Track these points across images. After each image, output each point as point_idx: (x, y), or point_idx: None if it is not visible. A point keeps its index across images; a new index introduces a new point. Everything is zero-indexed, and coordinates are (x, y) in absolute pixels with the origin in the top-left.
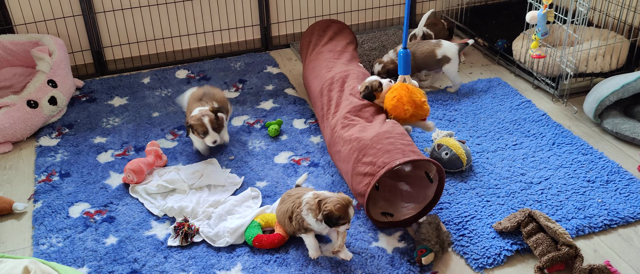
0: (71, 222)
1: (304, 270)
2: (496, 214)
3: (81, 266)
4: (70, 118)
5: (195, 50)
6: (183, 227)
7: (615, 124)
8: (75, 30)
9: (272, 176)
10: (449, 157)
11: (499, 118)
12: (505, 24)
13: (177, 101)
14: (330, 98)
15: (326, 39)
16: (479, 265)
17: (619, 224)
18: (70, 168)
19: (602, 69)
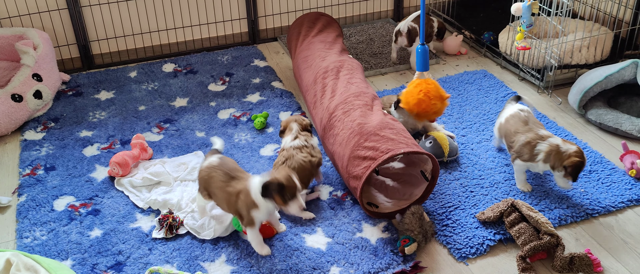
0: (56, 215)
1: (288, 260)
2: (480, 204)
3: (65, 258)
4: (56, 112)
5: (182, 43)
6: (168, 219)
7: (599, 115)
8: (61, 24)
9: (258, 169)
10: (431, 145)
11: (485, 110)
12: (492, 17)
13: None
14: (324, 85)
15: (316, 31)
16: (462, 255)
17: (601, 213)
18: (55, 162)
19: (587, 61)
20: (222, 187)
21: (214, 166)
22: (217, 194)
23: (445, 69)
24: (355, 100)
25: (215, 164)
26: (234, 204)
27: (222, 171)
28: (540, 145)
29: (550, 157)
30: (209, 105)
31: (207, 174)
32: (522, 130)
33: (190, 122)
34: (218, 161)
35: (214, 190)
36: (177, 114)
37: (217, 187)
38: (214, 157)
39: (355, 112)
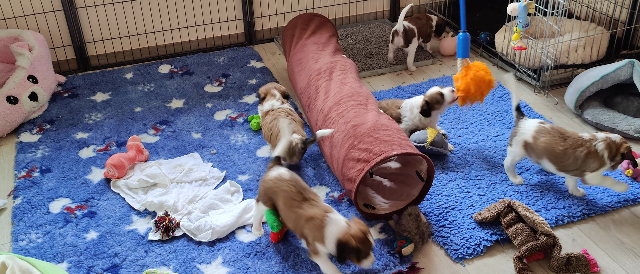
0: (51, 218)
1: (285, 263)
2: (476, 205)
3: (61, 261)
4: (51, 114)
5: (179, 45)
6: (164, 221)
7: (596, 115)
8: (57, 26)
9: (254, 170)
10: (419, 133)
11: (481, 110)
12: (488, 17)
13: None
14: (318, 87)
15: (309, 32)
16: (459, 255)
17: (597, 213)
18: (51, 164)
19: (583, 61)
20: (292, 205)
21: (286, 180)
22: (285, 210)
23: (442, 70)
24: (349, 100)
25: (286, 177)
26: (301, 228)
27: (295, 188)
28: (598, 146)
29: (611, 151)
30: (205, 106)
31: (276, 186)
32: (569, 144)
33: (187, 124)
34: (289, 175)
35: (282, 204)
36: (173, 115)
37: (287, 204)
38: (283, 170)
39: (350, 113)
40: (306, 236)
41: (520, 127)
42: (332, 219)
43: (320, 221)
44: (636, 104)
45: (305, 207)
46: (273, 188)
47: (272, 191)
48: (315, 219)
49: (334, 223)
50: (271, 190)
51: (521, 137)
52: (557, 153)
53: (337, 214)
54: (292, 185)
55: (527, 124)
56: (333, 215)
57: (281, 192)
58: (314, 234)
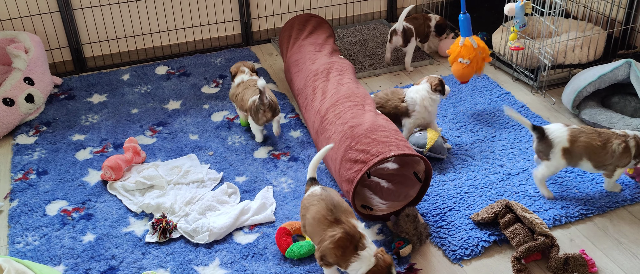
0: (48, 220)
1: (282, 264)
2: (474, 205)
3: (58, 264)
4: (48, 116)
5: (175, 46)
6: (161, 223)
7: (593, 115)
8: (53, 27)
9: (252, 171)
10: (419, 135)
11: (479, 110)
12: (486, 17)
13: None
14: (315, 88)
15: (306, 33)
16: (457, 256)
17: (595, 213)
18: (47, 166)
19: (580, 61)
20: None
21: (317, 195)
22: (312, 225)
23: (439, 70)
24: (346, 101)
25: (317, 193)
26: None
27: (325, 203)
28: (630, 142)
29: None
30: (203, 107)
31: (308, 202)
32: (605, 138)
33: (184, 125)
34: (321, 191)
35: (310, 218)
36: (170, 117)
37: (316, 219)
38: (316, 187)
39: (347, 114)
40: (326, 255)
41: (552, 139)
42: (361, 257)
43: (350, 255)
44: (633, 104)
45: (336, 229)
46: (305, 205)
47: (305, 208)
48: (345, 250)
49: (361, 261)
50: (304, 209)
51: (559, 147)
52: (597, 148)
53: (367, 249)
54: (322, 200)
55: (557, 132)
56: (363, 252)
57: (311, 208)
58: (339, 261)
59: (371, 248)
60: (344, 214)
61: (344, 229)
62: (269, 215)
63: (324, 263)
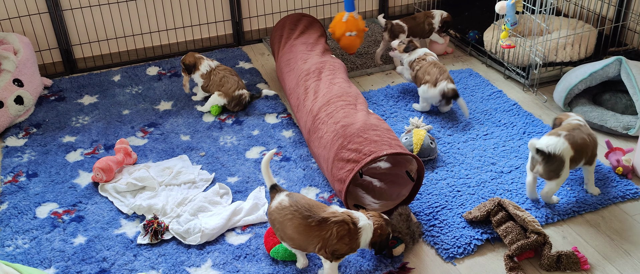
0: (38, 223)
1: (275, 265)
2: (467, 203)
3: (48, 267)
4: (38, 118)
5: (167, 46)
6: (153, 224)
7: (584, 112)
8: (42, 28)
9: (243, 172)
10: (406, 140)
11: (470, 109)
12: (477, 15)
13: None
14: (307, 87)
15: (298, 32)
16: (450, 255)
17: (587, 210)
18: (37, 168)
19: (571, 58)
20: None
21: (287, 207)
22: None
23: None
24: (338, 101)
25: (286, 204)
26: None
27: (299, 213)
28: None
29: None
30: (194, 108)
31: (281, 217)
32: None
33: (175, 126)
34: (289, 200)
35: (295, 234)
36: (162, 117)
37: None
38: (281, 196)
39: (339, 113)
40: (337, 250)
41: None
42: (363, 227)
43: (355, 234)
44: (624, 101)
45: (327, 228)
46: (279, 220)
47: (280, 223)
48: (350, 234)
49: (365, 230)
50: (279, 223)
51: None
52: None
53: (361, 219)
54: (295, 212)
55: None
56: (361, 223)
57: (288, 224)
58: (350, 247)
59: (361, 216)
60: (320, 209)
61: (333, 221)
62: (261, 215)
63: (336, 257)
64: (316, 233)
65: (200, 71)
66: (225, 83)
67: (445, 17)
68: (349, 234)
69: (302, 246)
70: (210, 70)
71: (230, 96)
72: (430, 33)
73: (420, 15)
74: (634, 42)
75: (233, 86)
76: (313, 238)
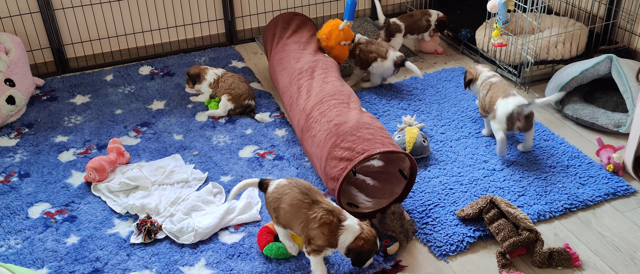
0: (30, 223)
1: (268, 264)
2: (459, 201)
3: (41, 267)
4: (30, 117)
5: (159, 46)
6: (146, 224)
7: (576, 110)
8: (34, 28)
9: (237, 171)
10: (399, 139)
11: (463, 107)
12: (469, 14)
13: None
14: (299, 86)
15: (290, 31)
16: (442, 252)
17: (579, 207)
18: (30, 168)
19: (563, 56)
20: (301, 207)
21: (286, 185)
22: (290, 212)
23: (423, 67)
24: (331, 99)
25: (285, 183)
26: (310, 230)
27: (299, 189)
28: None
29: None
30: (187, 107)
31: (278, 193)
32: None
33: (168, 125)
34: (288, 180)
35: (287, 207)
36: (155, 117)
37: (294, 205)
38: (279, 179)
39: (332, 112)
40: (314, 238)
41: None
42: (346, 227)
43: (336, 228)
44: (615, 99)
45: (316, 210)
46: (276, 197)
47: (276, 200)
48: (330, 226)
49: (348, 231)
50: (276, 201)
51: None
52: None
53: (349, 219)
54: (294, 187)
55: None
56: (346, 222)
57: (284, 197)
58: (327, 239)
59: (352, 218)
60: (318, 195)
61: (323, 208)
62: (255, 214)
63: (312, 249)
64: (304, 210)
65: (207, 81)
66: (236, 88)
67: (441, 17)
68: (330, 226)
69: (289, 222)
70: (217, 78)
71: (239, 103)
72: (427, 29)
73: (417, 12)
74: (624, 40)
75: (244, 94)
76: (300, 214)
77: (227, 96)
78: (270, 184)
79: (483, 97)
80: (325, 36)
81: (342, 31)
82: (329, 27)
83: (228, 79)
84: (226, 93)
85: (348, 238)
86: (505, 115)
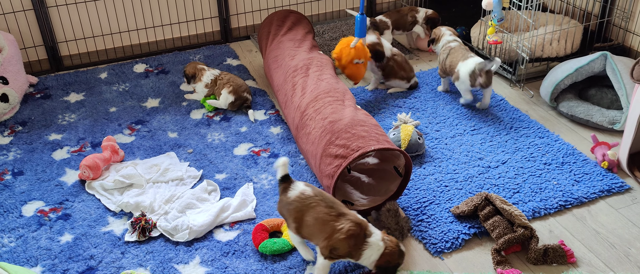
0: (24, 221)
1: (263, 261)
2: (454, 198)
3: (35, 265)
4: (23, 115)
5: (154, 43)
6: (140, 222)
7: (570, 107)
8: (27, 26)
9: (232, 168)
10: (394, 136)
11: (457, 104)
12: (465, 11)
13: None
14: (294, 84)
15: (285, 29)
16: (438, 249)
17: (573, 204)
18: (23, 166)
19: (557, 54)
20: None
21: (312, 196)
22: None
23: (419, 65)
24: (326, 97)
25: (311, 194)
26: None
27: (325, 203)
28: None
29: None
30: (181, 105)
31: (303, 204)
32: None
33: (162, 123)
34: (312, 190)
35: (311, 220)
36: (149, 115)
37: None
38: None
39: (327, 109)
40: (337, 247)
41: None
42: (371, 244)
43: (361, 242)
44: (610, 96)
45: (343, 221)
46: (300, 208)
47: (299, 210)
48: (357, 239)
49: (372, 248)
50: (298, 211)
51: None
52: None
53: (374, 235)
54: (321, 200)
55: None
56: (371, 239)
57: (309, 211)
58: (350, 251)
59: (376, 233)
60: (341, 206)
61: (350, 220)
62: (250, 212)
63: (331, 256)
64: (331, 223)
65: (203, 82)
66: (235, 81)
67: (430, 14)
68: (356, 239)
69: (312, 235)
70: (214, 78)
71: (239, 95)
72: (412, 25)
73: (404, 9)
74: (619, 38)
75: (243, 85)
76: (327, 228)
77: (227, 88)
78: (291, 186)
79: (443, 60)
80: (336, 55)
81: (353, 49)
82: (340, 46)
83: (224, 77)
84: (227, 86)
85: (373, 255)
86: (467, 74)
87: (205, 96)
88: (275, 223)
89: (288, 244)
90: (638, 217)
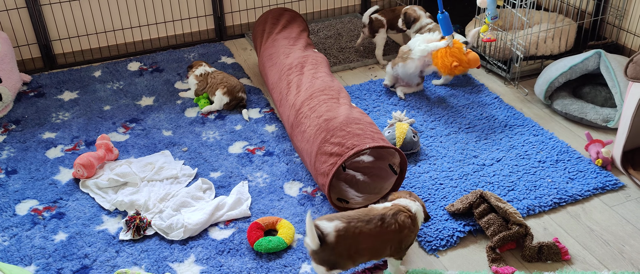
0: (18, 220)
1: (258, 260)
2: (449, 196)
3: (29, 264)
4: (17, 114)
5: (148, 41)
6: (135, 220)
7: (565, 105)
8: (20, 23)
9: (226, 167)
10: (389, 134)
11: (453, 102)
12: (460, 10)
13: None
14: (289, 82)
15: (280, 27)
16: (432, 247)
17: (568, 202)
18: (17, 165)
19: (552, 52)
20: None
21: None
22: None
23: None
24: (321, 95)
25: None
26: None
27: (360, 221)
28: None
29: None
30: (176, 103)
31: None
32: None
33: (157, 122)
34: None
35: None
36: (143, 113)
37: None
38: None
39: (322, 107)
40: (407, 241)
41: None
42: (417, 211)
43: (415, 219)
44: (604, 94)
45: (390, 221)
46: (349, 245)
47: (349, 247)
48: (413, 220)
49: (419, 213)
50: (349, 248)
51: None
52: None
53: (411, 205)
54: (358, 222)
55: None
56: (414, 209)
57: (358, 238)
58: (415, 235)
59: (409, 203)
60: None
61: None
62: (245, 210)
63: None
64: (385, 230)
65: (194, 73)
66: (229, 81)
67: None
68: (412, 221)
69: (376, 253)
70: (206, 73)
71: (233, 95)
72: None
73: (399, 8)
74: (613, 36)
75: (237, 85)
76: (387, 236)
77: (222, 89)
78: (326, 233)
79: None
80: (445, 68)
81: (453, 48)
82: (439, 59)
83: (217, 75)
84: (220, 86)
85: (421, 217)
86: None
87: (195, 92)
88: (271, 221)
89: (283, 242)
90: (632, 214)
